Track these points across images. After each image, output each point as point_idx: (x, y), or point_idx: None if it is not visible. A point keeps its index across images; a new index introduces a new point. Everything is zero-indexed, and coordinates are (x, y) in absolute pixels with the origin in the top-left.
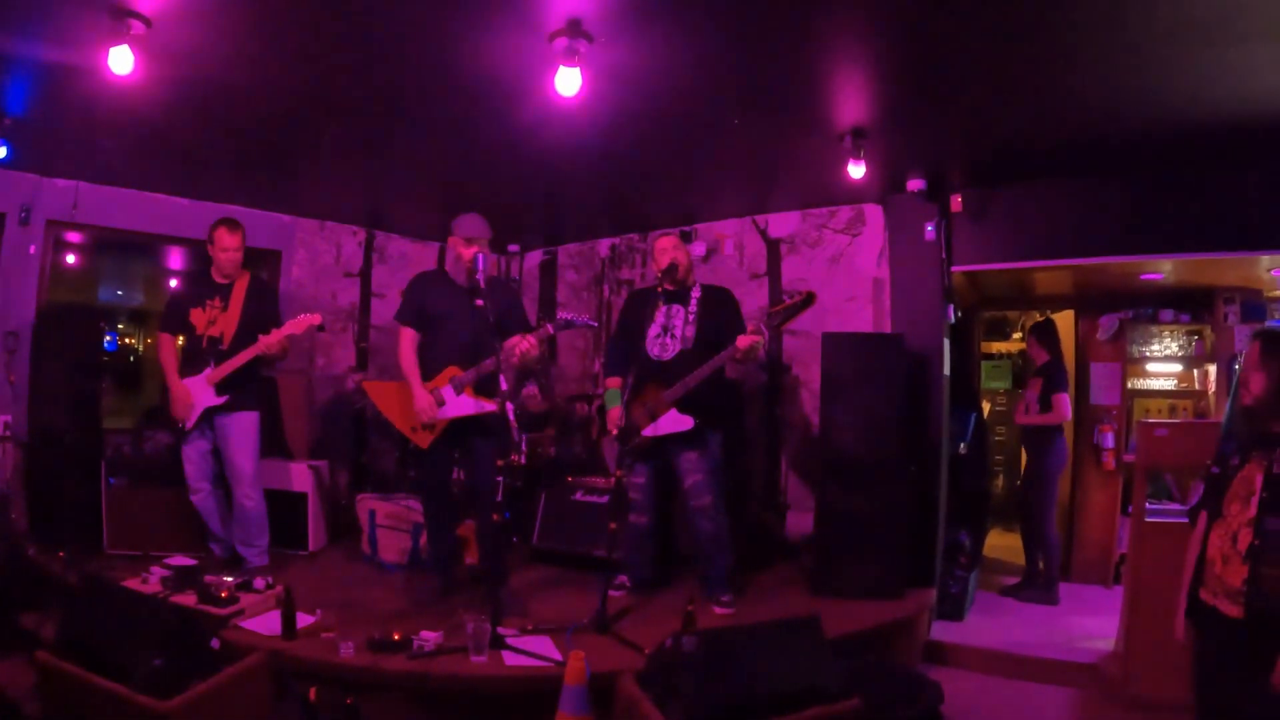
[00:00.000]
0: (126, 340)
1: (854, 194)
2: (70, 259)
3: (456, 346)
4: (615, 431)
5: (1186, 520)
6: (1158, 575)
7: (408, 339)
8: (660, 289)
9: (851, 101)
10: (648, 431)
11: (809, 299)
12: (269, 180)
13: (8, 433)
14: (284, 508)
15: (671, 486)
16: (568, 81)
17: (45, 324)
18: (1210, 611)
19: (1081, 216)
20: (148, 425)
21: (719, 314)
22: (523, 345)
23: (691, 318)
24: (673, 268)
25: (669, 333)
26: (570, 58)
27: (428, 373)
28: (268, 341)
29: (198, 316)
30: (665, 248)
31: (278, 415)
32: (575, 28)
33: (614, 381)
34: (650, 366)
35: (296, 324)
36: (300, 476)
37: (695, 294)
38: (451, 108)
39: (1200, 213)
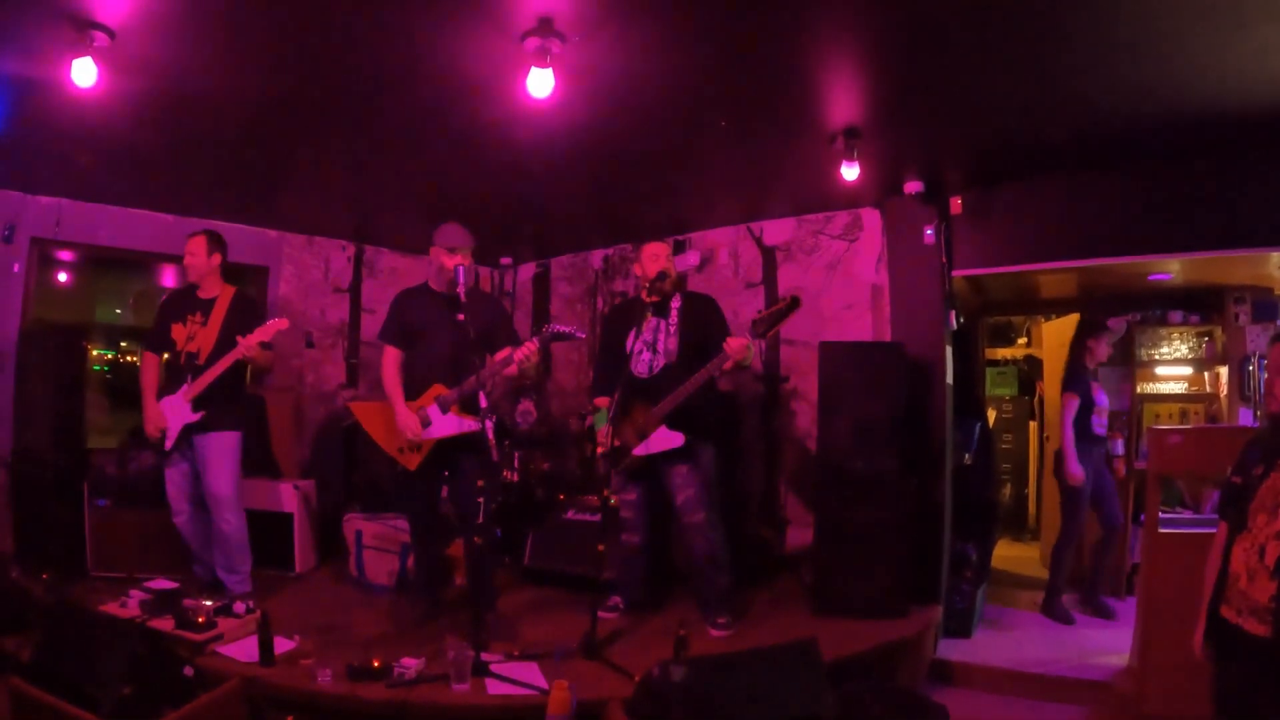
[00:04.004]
0: (125, 359)
1: (850, 198)
2: (61, 277)
3: (438, 362)
4: (603, 451)
5: (1201, 530)
6: (1173, 587)
7: (390, 358)
8: (643, 300)
9: (842, 99)
10: (639, 450)
11: (793, 303)
12: (253, 195)
13: None
14: (270, 528)
15: (664, 504)
16: (540, 83)
17: (29, 343)
18: (1234, 630)
19: (1086, 216)
20: (132, 445)
21: (702, 322)
22: (520, 354)
23: (673, 329)
24: (662, 276)
25: (651, 347)
26: (542, 58)
27: (413, 391)
28: (245, 344)
29: (178, 332)
30: (657, 254)
31: (266, 433)
32: (547, 27)
33: (602, 401)
34: (635, 384)
35: (265, 330)
36: (287, 496)
37: (675, 304)
38: (427, 114)
39: (1208, 209)
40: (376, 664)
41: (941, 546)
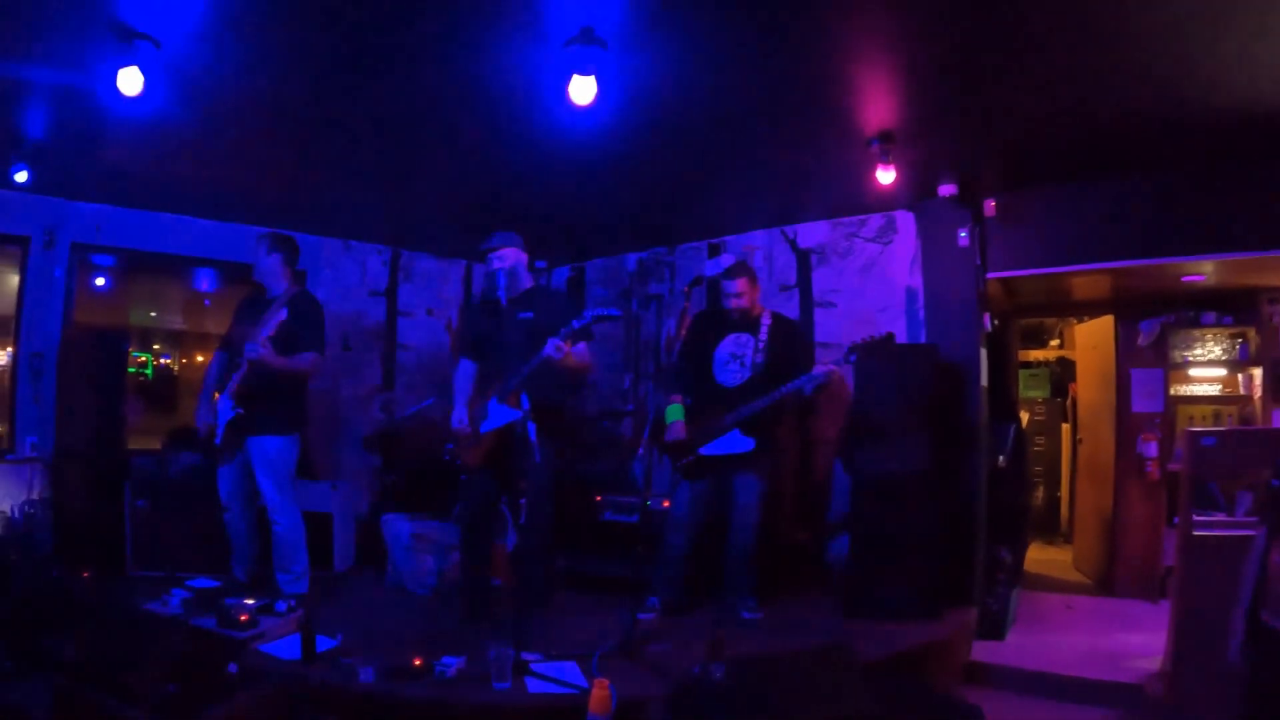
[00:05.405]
0: (159, 361)
1: (884, 201)
2: (99, 281)
3: (502, 365)
4: (670, 443)
5: (1236, 532)
6: (1207, 591)
7: (462, 369)
8: (726, 314)
9: (878, 105)
10: (707, 450)
11: (889, 338)
12: (291, 200)
13: (34, 453)
14: (309, 528)
15: (718, 506)
16: (582, 90)
17: (71, 346)
18: (1272, 634)
19: (1120, 217)
20: (173, 446)
21: (788, 346)
22: (559, 358)
23: (762, 346)
24: (746, 308)
25: (738, 359)
26: (584, 65)
27: (481, 396)
28: (250, 346)
29: (236, 332)
30: (743, 290)
31: (304, 435)
32: (588, 35)
33: (677, 399)
34: (716, 392)
35: (270, 324)
36: (325, 497)
37: (766, 322)
38: (468, 121)
39: (1242, 210)
40: (417, 663)
41: (976, 549)
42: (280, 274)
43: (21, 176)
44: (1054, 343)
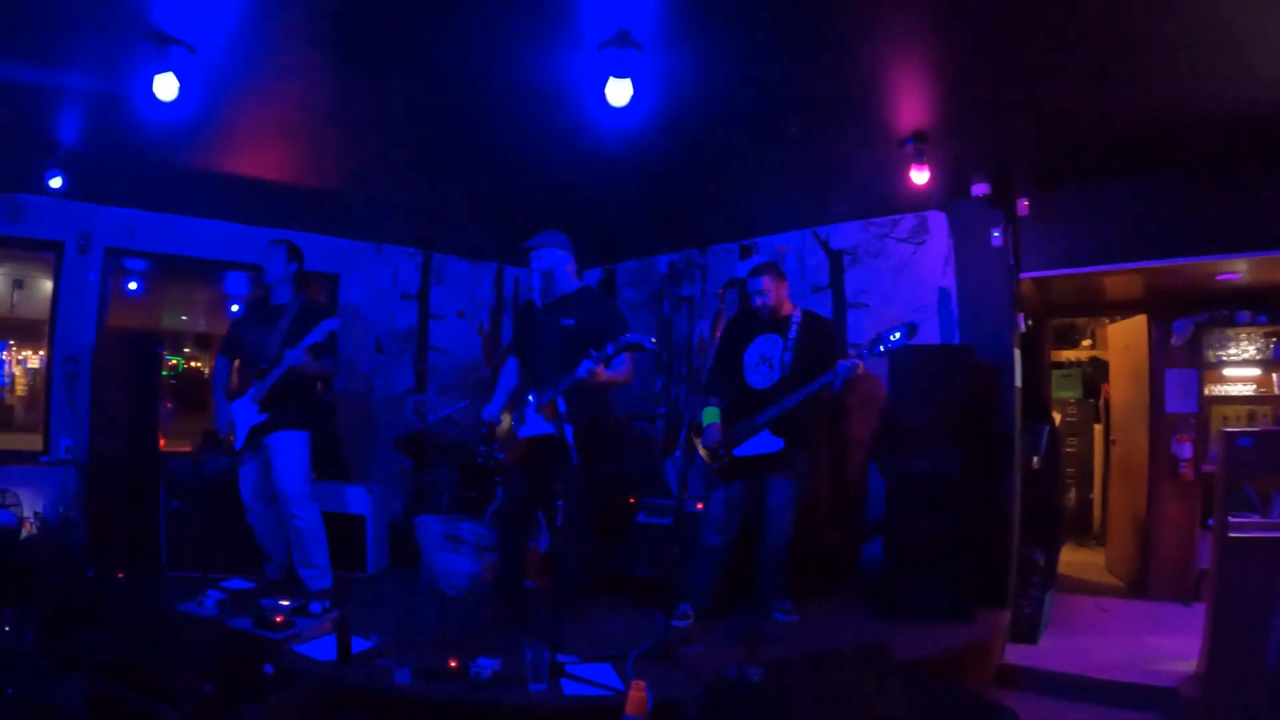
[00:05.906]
0: (190, 364)
1: (917, 201)
2: (132, 285)
3: (540, 370)
4: (708, 446)
5: (1272, 534)
6: (1242, 593)
7: (509, 365)
8: (756, 315)
9: (913, 105)
10: (740, 452)
11: (912, 329)
12: (324, 204)
13: (69, 456)
14: (342, 530)
15: (748, 510)
16: (618, 92)
17: (104, 349)
18: None
19: (1153, 216)
20: (206, 448)
21: (819, 344)
22: (599, 378)
23: (791, 345)
24: (773, 307)
25: (767, 361)
26: (620, 68)
27: (520, 395)
28: (292, 353)
29: (249, 337)
30: (768, 288)
31: (336, 437)
32: (624, 37)
33: (715, 401)
34: (748, 395)
35: (318, 332)
36: (359, 499)
37: (796, 320)
38: (502, 122)
39: (1278, 207)
40: (453, 664)
41: (1010, 551)
42: (291, 281)
43: (56, 183)
44: (1086, 343)
